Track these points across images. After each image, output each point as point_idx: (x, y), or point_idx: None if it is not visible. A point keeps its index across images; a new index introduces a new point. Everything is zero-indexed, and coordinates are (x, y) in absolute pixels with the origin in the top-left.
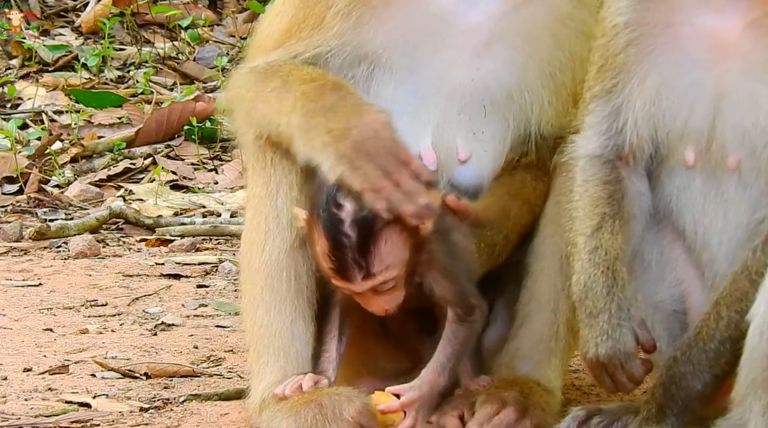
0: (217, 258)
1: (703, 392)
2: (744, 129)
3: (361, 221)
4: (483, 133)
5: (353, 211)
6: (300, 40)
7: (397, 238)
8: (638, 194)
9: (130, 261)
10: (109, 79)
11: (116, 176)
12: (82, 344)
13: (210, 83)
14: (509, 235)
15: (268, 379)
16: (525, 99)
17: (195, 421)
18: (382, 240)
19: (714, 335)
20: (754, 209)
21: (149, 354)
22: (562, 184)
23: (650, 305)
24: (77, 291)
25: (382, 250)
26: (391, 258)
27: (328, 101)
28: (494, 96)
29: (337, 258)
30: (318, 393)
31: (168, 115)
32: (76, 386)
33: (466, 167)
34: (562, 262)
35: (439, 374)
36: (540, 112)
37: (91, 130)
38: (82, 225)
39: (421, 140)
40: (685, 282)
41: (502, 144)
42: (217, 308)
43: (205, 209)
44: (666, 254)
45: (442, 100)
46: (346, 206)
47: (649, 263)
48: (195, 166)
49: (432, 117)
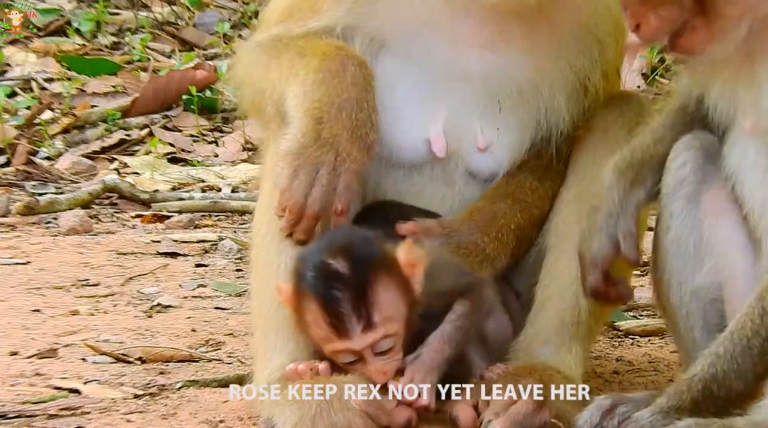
0: (216, 236)
1: (744, 392)
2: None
3: (354, 273)
4: (504, 122)
5: (342, 264)
6: (305, 17)
7: (394, 289)
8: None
9: (125, 238)
10: (104, 45)
11: (110, 148)
12: (72, 326)
13: (210, 50)
14: (500, 237)
15: (276, 364)
16: (545, 97)
17: (192, 409)
18: (379, 288)
19: (759, 331)
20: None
21: (144, 337)
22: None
23: (686, 292)
24: (67, 270)
25: (381, 299)
26: (390, 309)
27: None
28: (515, 86)
29: (333, 313)
30: (324, 380)
31: (166, 84)
32: (66, 371)
33: (485, 156)
34: None
35: (445, 342)
36: (562, 111)
37: (84, 98)
38: (73, 199)
39: (431, 126)
40: (725, 270)
41: (523, 134)
42: (216, 289)
43: (204, 183)
44: (706, 238)
45: (458, 90)
46: (334, 262)
47: (687, 247)
48: (194, 138)
49: (445, 104)
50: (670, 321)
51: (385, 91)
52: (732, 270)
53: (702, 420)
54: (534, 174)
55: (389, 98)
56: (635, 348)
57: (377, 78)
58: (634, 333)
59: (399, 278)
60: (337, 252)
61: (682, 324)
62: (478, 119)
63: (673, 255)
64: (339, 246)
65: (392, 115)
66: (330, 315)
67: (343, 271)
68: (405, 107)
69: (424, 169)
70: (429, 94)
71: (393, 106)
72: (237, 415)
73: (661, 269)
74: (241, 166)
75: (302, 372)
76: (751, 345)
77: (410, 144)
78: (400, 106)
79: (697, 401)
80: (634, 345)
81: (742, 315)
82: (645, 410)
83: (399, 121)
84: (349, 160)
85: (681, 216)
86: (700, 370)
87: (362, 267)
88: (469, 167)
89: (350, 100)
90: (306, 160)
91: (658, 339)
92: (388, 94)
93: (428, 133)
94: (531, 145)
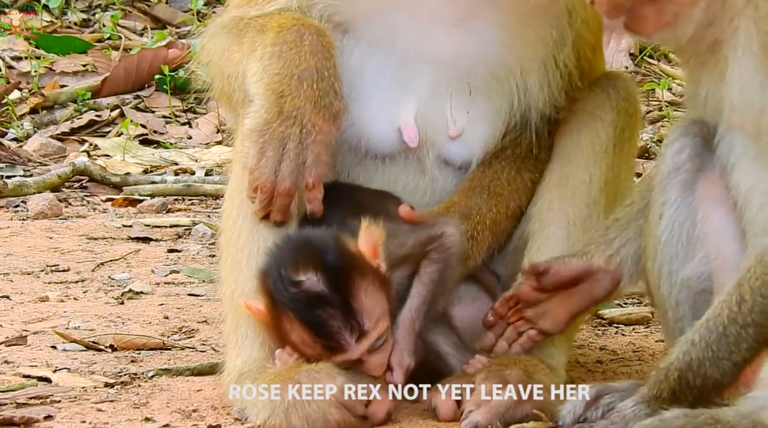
0: (190, 220)
1: (721, 381)
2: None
3: (328, 284)
4: (474, 109)
5: (315, 280)
6: (263, 2)
7: (372, 287)
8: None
9: (95, 222)
10: (73, 22)
11: (80, 129)
12: (41, 313)
13: (184, 28)
14: (475, 236)
15: (248, 353)
16: (517, 77)
17: (165, 398)
18: (360, 293)
19: (736, 319)
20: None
21: (115, 324)
22: (567, 144)
23: (676, 282)
24: (36, 255)
25: (365, 304)
26: (376, 309)
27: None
28: (486, 66)
29: (324, 335)
30: (296, 371)
31: (137, 63)
32: (35, 359)
33: (457, 143)
34: (569, 230)
35: (413, 318)
36: (535, 91)
37: (53, 78)
38: (42, 182)
39: (401, 115)
40: (717, 261)
41: (496, 121)
42: (189, 275)
43: (177, 166)
44: (699, 227)
45: (427, 75)
46: (306, 279)
47: (680, 236)
48: (167, 119)
49: (415, 90)
50: (660, 310)
51: (351, 78)
52: (723, 260)
53: (690, 410)
54: (511, 164)
55: (356, 86)
56: (619, 337)
57: (342, 65)
58: (618, 321)
59: (370, 271)
60: (304, 265)
61: (671, 314)
62: (449, 105)
63: (665, 244)
64: (303, 258)
65: (361, 104)
66: (320, 337)
67: (320, 289)
68: (373, 95)
69: (396, 159)
70: (397, 80)
71: (361, 94)
72: (210, 404)
73: (652, 258)
74: (215, 149)
75: (286, 360)
76: (727, 333)
77: (381, 134)
78: (369, 95)
79: (674, 390)
80: (618, 334)
81: (720, 303)
82: (628, 400)
83: (368, 111)
84: (315, 131)
85: (676, 204)
86: (675, 358)
87: (337, 277)
88: (441, 156)
89: (309, 69)
90: (271, 137)
91: (642, 328)
92: (355, 81)
93: (398, 122)
94: (506, 132)
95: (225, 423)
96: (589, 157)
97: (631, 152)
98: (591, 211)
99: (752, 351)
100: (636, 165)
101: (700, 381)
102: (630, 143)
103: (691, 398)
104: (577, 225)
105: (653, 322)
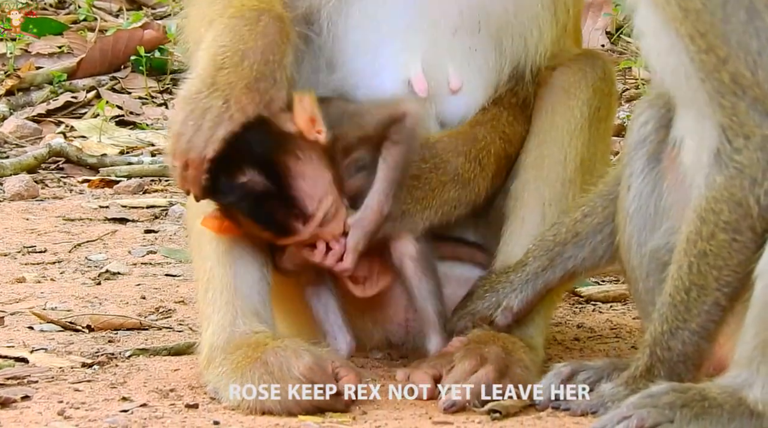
0: (166, 201)
1: (684, 352)
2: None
3: (266, 179)
4: (476, 59)
5: (252, 179)
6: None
7: (311, 166)
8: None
9: (72, 203)
10: (49, 3)
11: (56, 111)
12: (18, 294)
13: (159, 9)
14: (480, 159)
15: (217, 322)
16: (521, 25)
17: (142, 378)
18: (298, 178)
19: (678, 285)
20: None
21: (92, 305)
22: (542, 123)
23: (645, 253)
24: (13, 237)
25: (306, 186)
26: (318, 188)
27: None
28: (488, 20)
29: (271, 224)
30: (262, 349)
31: (113, 44)
32: (12, 339)
33: (458, 98)
34: (545, 210)
35: (382, 201)
36: (536, 41)
37: (29, 59)
38: (18, 164)
39: (411, 66)
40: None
41: (496, 73)
42: (166, 255)
43: (153, 147)
44: (665, 198)
45: (431, 23)
46: (246, 180)
47: (647, 207)
48: (143, 100)
49: (422, 41)
50: (631, 284)
51: (359, 30)
52: None
53: (678, 385)
54: (509, 110)
55: (365, 37)
56: (597, 314)
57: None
58: (595, 299)
59: (307, 148)
60: (239, 166)
61: (641, 286)
62: (452, 56)
63: (633, 215)
64: (238, 158)
65: (371, 59)
66: (269, 228)
67: (259, 187)
68: (382, 46)
69: None
70: (404, 31)
71: (372, 48)
72: (188, 384)
73: (622, 229)
74: None
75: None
76: (674, 300)
77: (391, 87)
78: (379, 47)
79: (648, 366)
80: (595, 312)
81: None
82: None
83: (376, 61)
84: (235, 108)
85: (642, 175)
86: (648, 335)
87: (271, 169)
88: (440, 110)
89: (255, 49)
90: (196, 106)
91: (620, 306)
92: (363, 32)
93: (409, 74)
94: (503, 86)
95: (202, 403)
96: (564, 135)
97: (607, 131)
98: (566, 191)
99: (705, 316)
100: (612, 143)
101: (667, 354)
102: (606, 122)
103: (663, 372)
104: (553, 205)
105: (630, 300)
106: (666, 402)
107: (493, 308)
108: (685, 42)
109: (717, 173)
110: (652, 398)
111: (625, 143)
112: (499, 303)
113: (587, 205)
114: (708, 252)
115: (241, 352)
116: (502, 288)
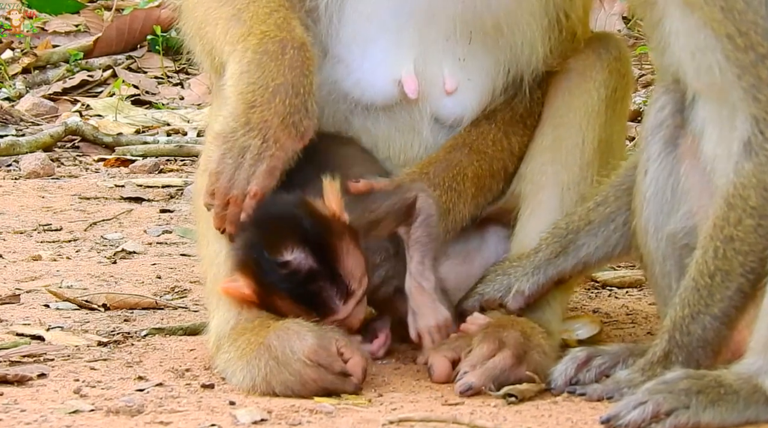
0: (182, 181)
1: (704, 338)
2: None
3: (317, 258)
4: (472, 63)
5: (302, 257)
6: None
7: (349, 247)
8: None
9: (87, 182)
10: None
11: (72, 89)
12: (34, 272)
13: None
14: (455, 187)
15: (222, 317)
16: (515, 33)
17: (158, 357)
18: (342, 257)
19: (703, 270)
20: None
21: (108, 283)
22: (559, 106)
23: (662, 237)
24: (29, 215)
25: (348, 266)
26: (357, 268)
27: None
28: (483, 24)
29: (312, 303)
30: (265, 333)
31: (130, 23)
32: (28, 317)
33: (452, 99)
34: (563, 195)
35: (419, 282)
36: (531, 49)
37: (46, 38)
38: (34, 142)
39: (403, 65)
40: (698, 216)
41: (491, 78)
42: (182, 235)
43: (169, 127)
44: (683, 183)
45: (427, 24)
46: (292, 258)
47: (664, 192)
48: (159, 80)
49: (415, 42)
50: (647, 268)
51: (353, 26)
52: (704, 215)
53: (693, 371)
54: (499, 126)
55: (358, 34)
56: (612, 299)
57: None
58: (611, 284)
59: (344, 229)
60: (285, 244)
61: (658, 270)
62: (447, 58)
63: (650, 199)
64: (282, 236)
65: (363, 53)
66: (312, 308)
67: (308, 265)
68: (374, 45)
69: (393, 112)
70: (398, 30)
71: (364, 42)
72: (203, 364)
73: (639, 213)
74: (207, 110)
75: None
76: (698, 286)
77: (380, 84)
78: (369, 44)
79: (666, 351)
80: (611, 297)
81: (694, 257)
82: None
83: (368, 60)
84: (275, 147)
85: (659, 159)
86: (667, 320)
87: (320, 247)
88: (435, 112)
89: (285, 84)
90: (234, 145)
91: (636, 291)
92: (357, 30)
93: (400, 73)
94: (499, 92)
95: (218, 383)
96: (582, 118)
97: (623, 112)
98: (585, 174)
99: (728, 302)
100: (629, 128)
101: (687, 339)
102: (622, 103)
103: (681, 357)
104: (571, 189)
105: (646, 285)
106: (682, 388)
107: (503, 291)
108: (723, 42)
109: (746, 160)
110: (668, 384)
111: (642, 128)
112: (510, 287)
113: (600, 195)
114: (735, 237)
115: (246, 338)
116: (514, 273)
